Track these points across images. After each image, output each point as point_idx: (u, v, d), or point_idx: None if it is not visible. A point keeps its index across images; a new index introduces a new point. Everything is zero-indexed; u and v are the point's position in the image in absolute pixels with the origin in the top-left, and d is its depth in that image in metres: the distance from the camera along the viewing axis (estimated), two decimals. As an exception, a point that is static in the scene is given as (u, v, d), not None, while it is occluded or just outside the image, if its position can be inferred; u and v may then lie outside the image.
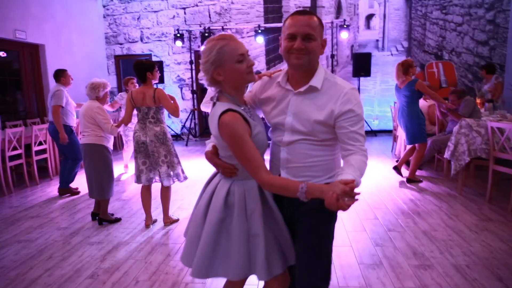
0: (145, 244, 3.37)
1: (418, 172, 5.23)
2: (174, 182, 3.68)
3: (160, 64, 8.73)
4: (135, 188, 5.09)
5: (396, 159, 6.14)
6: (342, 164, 1.61)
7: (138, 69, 3.52)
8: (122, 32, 9.29)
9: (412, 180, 4.96)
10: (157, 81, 3.64)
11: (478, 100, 5.76)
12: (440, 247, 3.10)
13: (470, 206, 4.05)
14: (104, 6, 9.23)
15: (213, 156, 1.65)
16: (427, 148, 5.00)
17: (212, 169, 1.75)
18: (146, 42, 9.27)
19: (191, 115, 9.12)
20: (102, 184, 3.75)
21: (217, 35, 1.54)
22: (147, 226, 3.73)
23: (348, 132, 1.48)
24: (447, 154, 4.46)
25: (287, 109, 1.56)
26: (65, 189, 4.96)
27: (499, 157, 3.98)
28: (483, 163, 4.26)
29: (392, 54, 8.87)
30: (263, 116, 1.75)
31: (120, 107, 6.00)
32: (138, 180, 3.62)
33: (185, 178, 3.75)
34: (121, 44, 9.35)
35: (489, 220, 3.64)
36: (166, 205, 3.76)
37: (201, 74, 1.57)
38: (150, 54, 9.25)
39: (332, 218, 1.62)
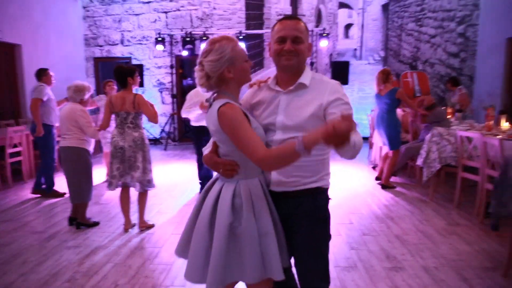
0: (124, 247, 3.37)
1: (392, 179, 5.42)
2: (145, 189, 3.67)
3: (140, 67, 8.69)
4: (114, 192, 5.04)
5: (372, 166, 6.34)
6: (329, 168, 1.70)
7: (119, 73, 3.53)
8: (102, 34, 9.20)
9: (386, 186, 5.14)
10: (137, 86, 3.66)
11: (449, 110, 6.05)
12: (411, 250, 3.24)
13: (440, 211, 4.24)
14: (84, 8, 9.13)
15: (212, 155, 1.62)
16: (401, 155, 5.20)
17: (191, 173, 1.79)
18: (126, 45, 9.21)
19: (170, 119, 9.10)
20: (81, 187, 3.72)
21: (220, 36, 1.59)
22: (126, 230, 3.73)
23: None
24: (419, 161, 4.65)
25: (277, 108, 1.62)
26: (39, 190, 4.94)
27: (467, 165, 4.19)
28: (453, 170, 4.47)
29: (369, 63, 9.14)
30: None
31: (98, 108, 5.94)
32: (109, 185, 3.59)
33: (154, 186, 3.73)
34: (100, 46, 9.25)
35: (456, 224, 3.83)
36: (142, 210, 3.75)
37: (200, 75, 1.57)
38: (130, 57, 9.19)
39: (327, 220, 1.68)
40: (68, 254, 3.24)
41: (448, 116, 5.64)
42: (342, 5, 9.03)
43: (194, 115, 4.79)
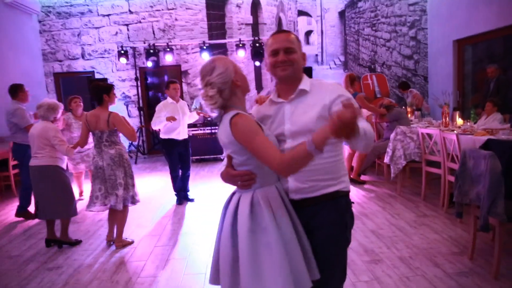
0: (107, 264, 3.34)
1: (362, 177, 5.69)
2: (128, 205, 3.64)
3: (104, 81, 8.53)
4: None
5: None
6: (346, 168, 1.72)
7: (96, 90, 3.52)
8: (61, 48, 8.94)
9: (356, 181, 5.41)
10: (114, 104, 3.64)
11: (408, 109, 6.48)
12: (386, 243, 3.46)
13: (409, 204, 4.52)
14: (40, 22, 8.84)
15: (229, 170, 1.62)
16: (368, 154, 5.48)
17: (165, 185, 1.83)
18: (88, 59, 9.01)
19: (138, 132, 8.98)
20: (65, 203, 3.67)
21: (216, 57, 1.67)
22: (108, 241, 3.72)
23: None
24: (386, 159, 4.94)
25: (284, 118, 1.67)
26: (23, 212, 4.75)
27: (429, 160, 4.52)
28: (417, 165, 4.79)
29: (330, 68, 9.51)
30: None
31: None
32: (89, 206, 3.54)
33: (138, 201, 3.71)
34: (60, 61, 8.99)
35: (425, 216, 4.11)
36: (121, 228, 3.68)
37: (211, 94, 1.57)
38: (93, 71, 9.00)
39: (347, 227, 1.67)
40: (51, 276, 3.17)
41: (408, 115, 6.03)
42: (301, 13, 9.35)
43: (193, 119, 4.92)
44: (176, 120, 4.66)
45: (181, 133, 4.85)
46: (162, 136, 4.86)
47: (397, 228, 3.80)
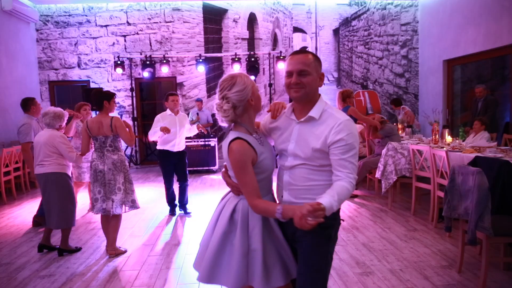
0: (101, 273, 3.34)
1: (354, 191, 5.77)
2: (128, 209, 3.68)
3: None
4: (83, 219, 4.95)
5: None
6: None
7: (97, 97, 3.58)
8: (57, 57, 8.99)
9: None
10: (113, 112, 3.70)
11: (399, 126, 6.63)
12: (377, 256, 3.52)
13: (399, 219, 4.61)
14: (37, 30, 8.90)
15: (225, 175, 1.87)
16: (359, 169, 5.58)
17: (159, 195, 1.91)
18: (83, 68, 9.06)
19: (132, 142, 8.98)
20: (67, 212, 3.68)
21: (234, 73, 1.76)
22: (107, 251, 3.72)
23: (338, 159, 1.63)
24: (378, 174, 5.04)
25: (290, 136, 1.76)
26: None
27: (419, 175, 4.63)
28: (407, 181, 4.90)
29: (324, 84, 9.65)
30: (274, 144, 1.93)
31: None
32: (94, 209, 3.61)
33: (137, 207, 3.74)
34: (56, 69, 9.02)
35: (415, 230, 4.19)
36: (114, 235, 3.69)
37: (226, 107, 1.69)
38: (88, 81, 9.04)
39: (330, 239, 1.74)
40: (43, 284, 3.16)
41: (399, 132, 6.17)
42: (296, 30, 9.56)
43: (193, 132, 4.99)
44: (170, 132, 4.59)
45: (176, 145, 4.82)
46: (158, 146, 4.88)
47: (388, 241, 3.87)
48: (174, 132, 4.72)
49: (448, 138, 5.40)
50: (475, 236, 2.78)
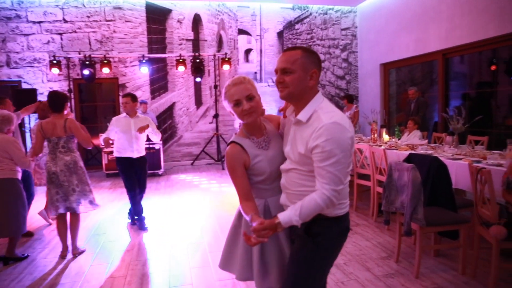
0: (64, 278, 3.15)
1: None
2: (86, 210, 3.64)
3: (33, 92, 7.96)
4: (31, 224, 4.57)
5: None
6: None
7: (59, 99, 3.54)
8: (-18, 55, 8.25)
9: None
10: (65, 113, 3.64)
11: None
12: (323, 251, 3.65)
13: (342, 215, 4.81)
14: (-42, 26, 8.10)
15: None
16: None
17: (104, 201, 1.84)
18: (14, 67, 8.39)
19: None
20: (19, 219, 3.46)
21: (245, 77, 1.76)
22: (63, 257, 3.61)
23: (317, 167, 1.51)
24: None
25: (287, 138, 1.70)
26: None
27: (360, 173, 4.87)
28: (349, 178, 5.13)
29: (268, 85, 9.86)
30: None
31: None
32: (53, 212, 3.52)
33: (97, 206, 3.70)
34: (-19, 68, 8.27)
35: (357, 225, 4.41)
36: (74, 234, 3.67)
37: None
38: (20, 81, 8.39)
39: (318, 247, 1.62)
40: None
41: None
42: (241, 32, 9.64)
43: (157, 136, 4.57)
44: (109, 146, 4.40)
45: (136, 151, 4.44)
46: (115, 154, 4.44)
47: (333, 237, 4.02)
48: (128, 137, 4.37)
49: (386, 137, 5.75)
50: (410, 227, 3.00)
